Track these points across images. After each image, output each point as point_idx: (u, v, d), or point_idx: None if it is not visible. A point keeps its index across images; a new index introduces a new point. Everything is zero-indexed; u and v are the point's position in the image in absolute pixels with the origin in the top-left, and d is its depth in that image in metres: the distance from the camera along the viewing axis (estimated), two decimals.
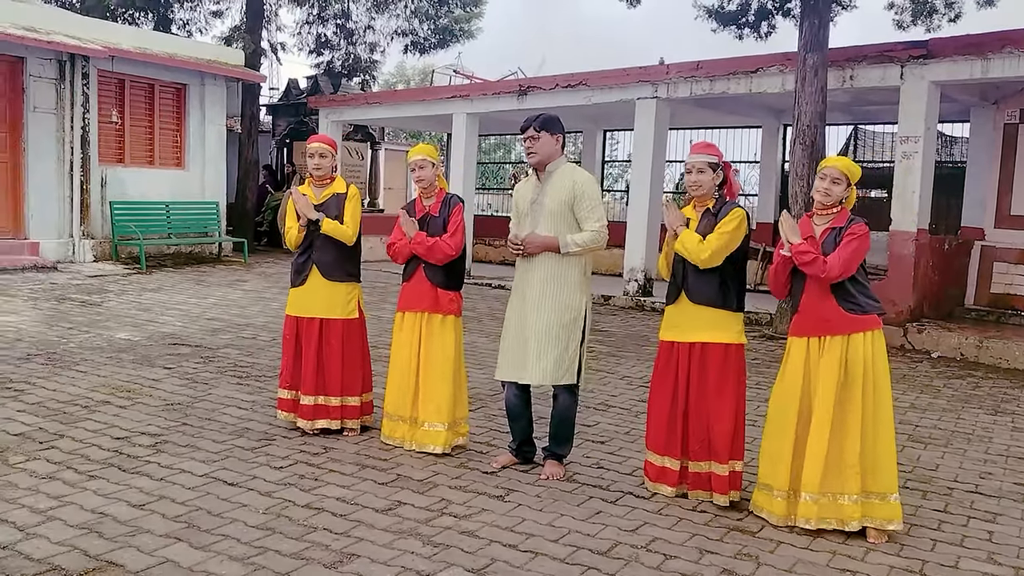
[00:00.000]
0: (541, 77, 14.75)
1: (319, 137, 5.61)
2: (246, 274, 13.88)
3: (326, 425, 5.44)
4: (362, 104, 17.11)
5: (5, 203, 13.14)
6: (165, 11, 19.19)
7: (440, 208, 5.23)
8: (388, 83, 36.06)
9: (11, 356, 7.24)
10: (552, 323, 4.81)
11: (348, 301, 5.47)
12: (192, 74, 15.30)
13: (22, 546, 3.71)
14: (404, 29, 20.52)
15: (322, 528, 4.08)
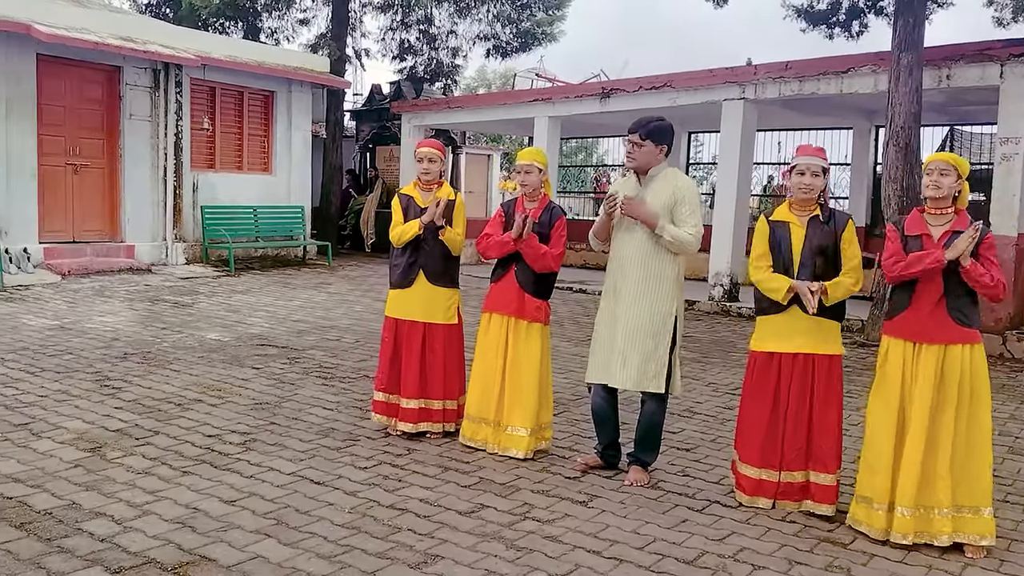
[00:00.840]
0: (624, 79, 14.64)
1: (428, 142, 5.61)
2: (330, 277, 14.12)
3: (428, 428, 5.46)
4: (444, 108, 17.26)
5: (103, 208, 13.65)
6: (254, 20, 19.70)
7: (541, 214, 5.17)
8: (469, 87, 36.32)
9: (109, 355, 7.49)
10: (642, 326, 4.73)
11: (449, 306, 5.48)
12: (279, 81, 15.65)
13: (120, 539, 3.82)
14: (486, 33, 20.63)
15: (406, 529, 4.10)
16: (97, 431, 5.34)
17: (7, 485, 4.36)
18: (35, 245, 12.37)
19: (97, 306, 10.05)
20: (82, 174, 13.28)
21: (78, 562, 3.57)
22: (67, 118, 13.06)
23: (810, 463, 4.47)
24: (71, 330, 8.54)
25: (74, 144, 13.16)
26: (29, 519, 3.97)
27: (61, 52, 12.45)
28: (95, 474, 4.59)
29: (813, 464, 4.45)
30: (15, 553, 3.61)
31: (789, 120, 15.34)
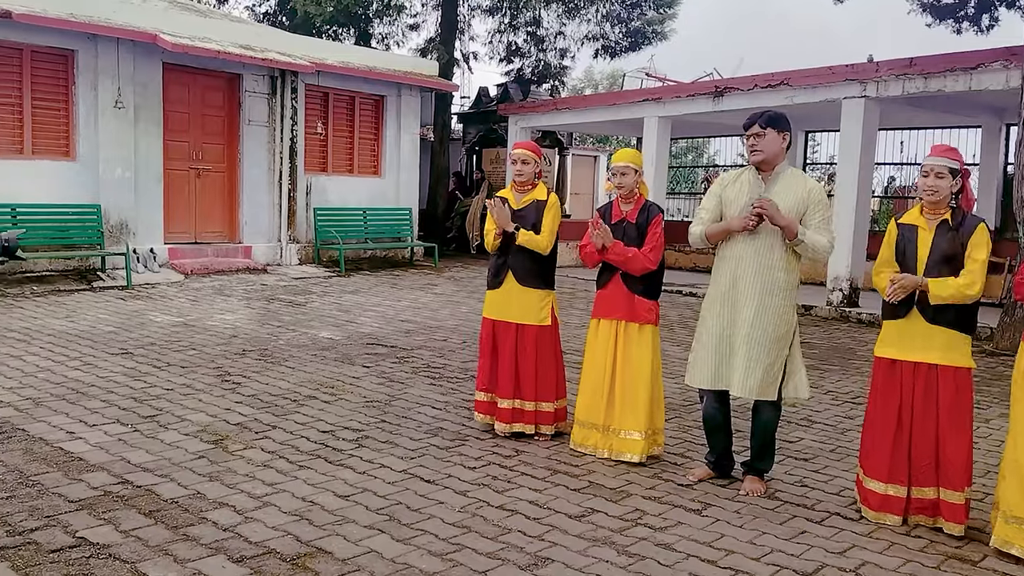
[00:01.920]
0: (739, 77, 14.31)
1: (523, 143, 5.62)
2: (436, 278, 14.30)
3: (521, 429, 5.46)
4: (551, 110, 17.25)
5: (222, 210, 14.17)
6: (365, 26, 20.13)
7: (638, 215, 5.11)
8: (576, 88, 36.28)
9: (229, 351, 7.76)
10: (766, 336, 4.59)
11: (542, 308, 5.46)
12: (390, 86, 15.95)
13: (241, 529, 3.93)
14: (595, 34, 20.53)
15: (516, 530, 4.09)
16: (219, 424, 5.52)
17: (137, 474, 4.55)
18: (160, 246, 12.93)
19: (217, 304, 10.43)
20: (204, 178, 13.82)
21: (203, 550, 3.70)
22: (190, 124, 13.62)
23: (939, 480, 4.25)
24: (194, 327, 8.88)
25: (197, 149, 13.71)
26: (157, 507, 4.13)
27: (185, 60, 13.00)
28: (218, 465, 4.75)
29: (942, 481, 4.24)
30: (144, 540, 3.76)
31: (913, 118, 14.73)
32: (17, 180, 11.43)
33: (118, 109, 12.27)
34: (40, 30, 11.36)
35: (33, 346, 7.55)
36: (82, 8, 11.81)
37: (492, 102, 19.34)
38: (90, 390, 6.18)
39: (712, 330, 4.77)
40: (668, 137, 15.51)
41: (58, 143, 12.11)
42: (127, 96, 12.37)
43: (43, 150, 11.94)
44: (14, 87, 11.60)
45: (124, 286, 11.42)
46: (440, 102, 18.45)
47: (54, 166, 11.94)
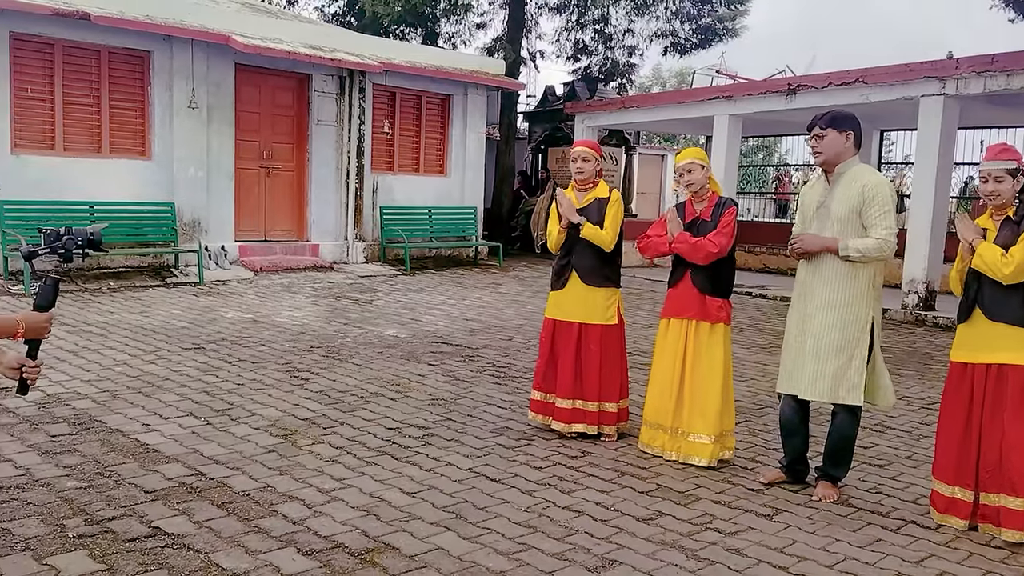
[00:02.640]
0: (812, 75, 14.01)
1: (583, 141, 5.58)
2: (501, 277, 14.31)
3: (583, 430, 5.42)
4: (619, 108, 17.13)
5: (291, 209, 14.39)
6: (432, 26, 20.26)
7: (712, 212, 5.03)
8: (643, 86, 36.02)
9: (297, 347, 7.86)
10: (833, 335, 4.49)
11: (607, 307, 5.41)
12: (456, 85, 16.01)
13: (311, 522, 3.97)
14: (664, 31, 20.32)
15: (583, 531, 4.05)
16: (288, 419, 5.60)
17: (210, 466, 4.64)
18: (231, 243, 13.18)
19: (286, 301, 10.59)
20: (274, 177, 14.05)
21: (273, 542, 3.74)
22: (261, 124, 13.85)
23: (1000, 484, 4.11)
24: (263, 323, 9.03)
25: (267, 149, 13.94)
26: (229, 499, 4.20)
27: (256, 61, 13.22)
28: (287, 459, 4.81)
29: (1003, 485, 4.09)
30: (217, 531, 3.82)
31: (995, 117, 14.25)
32: (95, 179, 11.76)
33: (192, 109, 12.54)
34: (117, 32, 11.67)
35: (110, 340, 7.75)
36: (158, 10, 12.11)
37: (558, 101, 19.28)
38: (164, 383, 6.32)
39: (789, 332, 4.76)
40: (739, 136, 15.27)
41: (134, 143, 12.43)
42: (200, 96, 12.64)
43: (120, 150, 12.27)
44: (92, 88, 11.93)
45: (196, 282, 11.67)
46: (506, 101, 18.47)
47: (130, 165, 12.26)
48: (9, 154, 11.05)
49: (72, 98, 11.74)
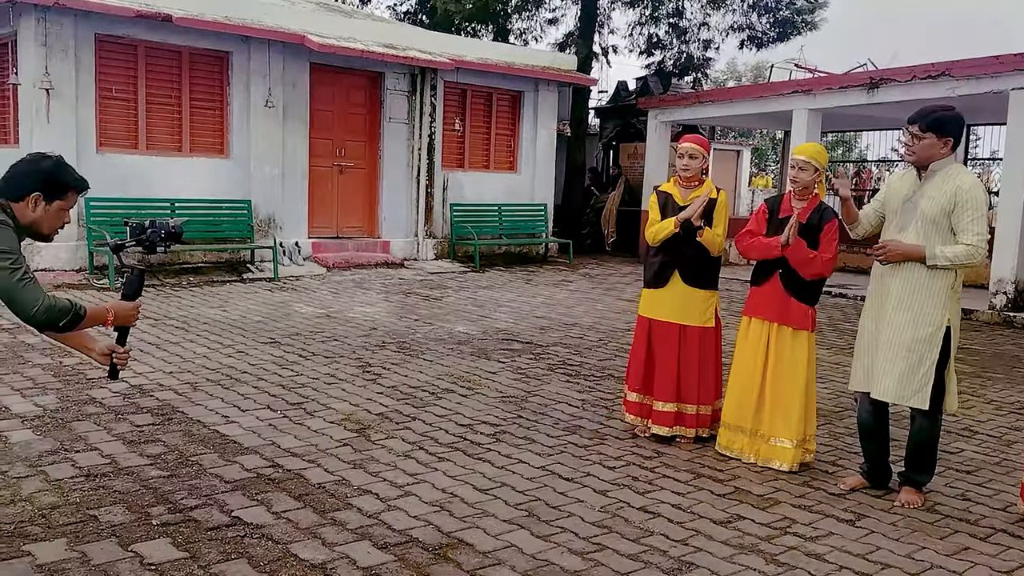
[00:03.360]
0: (895, 68, 13.59)
1: (691, 137, 5.38)
2: (571, 275, 14.25)
3: (682, 432, 5.33)
4: (693, 103, 16.89)
5: (363, 206, 14.56)
6: (504, 22, 20.28)
7: (810, 215, 4.86)
8: (718, 81, 35.53)
9: (369, 343, 7.94)
10: (905, 335, 4.36)
11: (706, 308, 5.29)
12: (527, 81, 16.00)
13: (385, 516, 4.00)
14: (740, 24, 19.98)
15: (658, 533, 4.00)
16: (362, 413, 5.65)
17: (287, 458, 4.71)
18: (305, 240, 13.40)
19: (357, 297, 10.72)
20: (346, 174, 14.23)
21: (349, 535, 3.78)
22: (334, 122, 14.04)
23: None
24: (336, 318, 9.15)
25: (340, 146, 14.12)
26: (306, 491, 4.25)
27: (330, 60, 13.41)
28: (361, 453, 4.85)
29: None
30: (295, 522, 3.88)
31: None
32: (176, 177, 12.07)
33: (268, 108, 12.77)
34: (198, 33, 11.95)
35: (190, 333, 7.94)
36: (236, 11, 12.36)
37: (631, 96, 19.11)
38: (242, 376, 6.44)
39: (863, 330, 4.64)
40: (818, 131, 14.93)
41: (213, 141, 12.71)
42: (277, 95, 12.87)
43: (199, 148, 12.57)
44: (174, 88, 12.24)
45: (271, 278, 11.89)
46: (577, 97, 18.38)
47: (209, 163, 12.55)
48: (95, 153, 11.41)
49: (154, 98, 12.06)
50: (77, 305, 3.12)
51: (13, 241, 3.03)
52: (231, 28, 12.05)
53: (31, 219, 3.13)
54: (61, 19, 10.90)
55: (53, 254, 10.86)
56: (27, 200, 3.10)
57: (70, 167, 3.23)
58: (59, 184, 3.16)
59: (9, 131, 11.84)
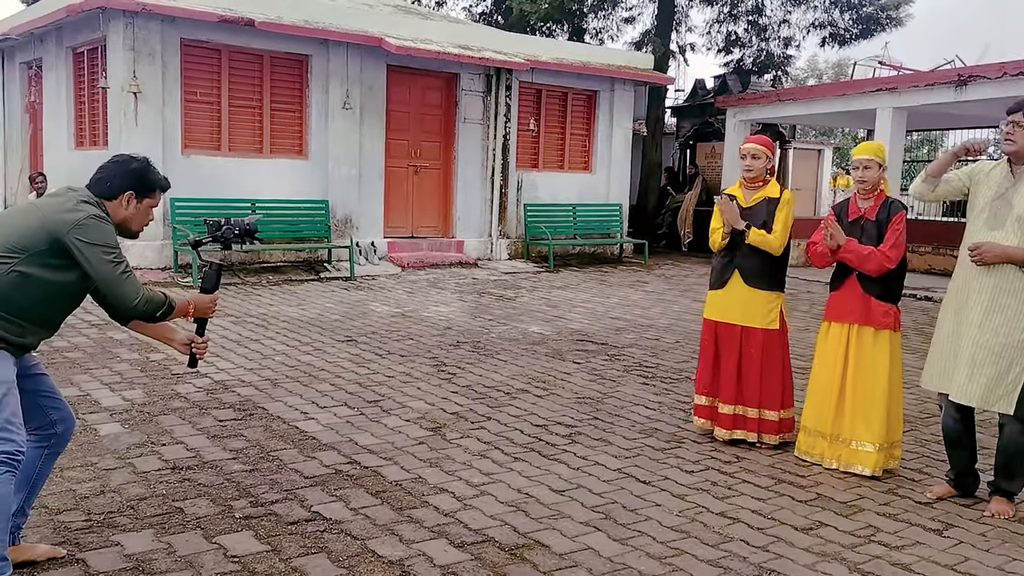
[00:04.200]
0: (985, 65, 13.13)
1: (754, 138, 5.36)
2: (646, 275, 14.12)
3: (743, 436, 5.24)
4: (773, 102, 16.58)
5: (437, 206, 14.68)
6: (579, 21, 20.20)
7: (877, 212, 4.76)
8: (798, 79, 34.85)
9: (444, 342, 7.99)
10: (995, 340, 4.19)
11: (770, 310, 5.19)
12: (603, 80, 15.91)
13: (461, 515, 4.01)
14: (822, 21, 19.49)
15: (738, 539, 3.93)
16: (437, 412, 5.68)
17: (364, 455, 4.76)
18: (380, 239, 13.56)
19: (432, 296, 10.80)
20: (421, 175, 14.36)
21: (426, 532, 3.80)
22: (410, 123, 14.18)
23: None
24: (411, 317, 9.23)
25: (415, 147, 14.26)
26: (383, 488, 4.29)
27: (407, 62, 13.54)
28: (437, 452, 4.88)
29: None
30: (372, 519, 3.91)
31: None
32: (256, 178, 12.34)
33: (346, 110, 12.96)
34: (279, 37, 12.19)
35: (270, 331, 8.10)
36: (316, 15, 12.57)
37: (709, 94, 18.83)
38: (320, 374, 6.54)
39: (941, 328, 4.50)
40: (903, 130, 14.50)
41: (292, 143, 12.96)
42: (354, 97, 13.05)
43: (279, 150, 12.82)
44: (255, 91, 12.52)
45: (347, 277, 12.06)
46: (654, 95, 18.20)
47: (288, 164, 12.79)
48: (180, 154, 11.73)
49: (236, 101, 12.35)
50: (169, 298, 3.29)
51: (115, 237, 3.18)
52: (311, 32, 12.26)
53: (123, 216, 3.27)
54: (148, 24, 11.24)
55: (140, 253, 11.20)
56: (121, 199, 3.25)
57: (155, 168, 3.39)
58: (148, 183, 3.32)
59: (99, 134, 12.26)
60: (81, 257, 3.07)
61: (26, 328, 3.11)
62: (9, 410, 3.05)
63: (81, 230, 3.06)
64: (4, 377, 3.06)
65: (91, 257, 3.07)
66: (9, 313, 3.05)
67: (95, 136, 12.49)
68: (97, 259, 3.08)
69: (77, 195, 3.18)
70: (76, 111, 13.00)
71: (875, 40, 19.81)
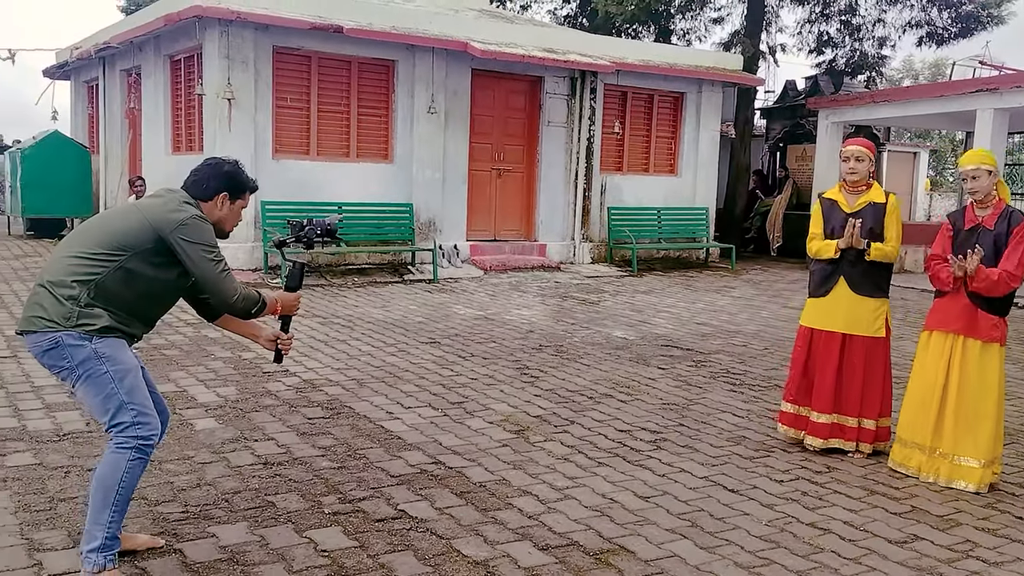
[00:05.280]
0: None
1: (856, 140, 5.19)
2: (733, 280, 13.89)
3: (840, 446, 5.09)
4: (867, 103, 16.12)
5: (520, 209, 14.71)
6: (666, 23, 19.99)
7: (996, 222, 4.56)
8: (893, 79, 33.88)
9: (526, 345, 8.00)
10: None
11: (876, 318, 5.04)
12: (690, 82, 15.72)
13: (545, 518, 4.00)
14: (919, 20, 18.87)
15: (829, 550, 3.82)
16: (520, 415, 5.69)
17: (449, 456, 4.79)
18: (463, 243, 13.67)
19: (514, 300, 10.83)
20: (505, 178, 14.43)
21: (510, 534, 3.80)
22: (494, 127, 14.25)
23: None
24: (493, 320, 9.27)
25: (499, 151, 14.33)
26: (467, 489, 4.31)
27: (491, 66, 13.61)
28: (521, 455, 4.88)
29: None
30: (457, 519, 3.94)
31: None
32: (343, 181, 12.57)
33: (431, 114, 13.11)
34: (367, 43, 12.41)
35: (356, 331, 8.24)
36: (403, 21, 12.75)
37: (799, 96, 18.43)
38: (404, 375, 6.62)
39: None
40: (1004, 132, 13.93)
41: (378, 147, 13.17)
42: (439, 102, 13.19)
43: (365, 154, 13.04)
44: (343, 97, 12.76)
45: (431, 280, 12.19)
46: (743, 97, 17.89)
47: (374, 168, 13.00)
48: (270, 159, 12.04)
49: (325, 106, 12.61)
50: (262, 295, 3.44)
51: (214, 236, 3.32)
52: (398, 37, 12.45)
53: (217, 217, 3.40)
54: (242, 32, 11.57)
55: (232, 254, 11.52)
56: (216, 200, 3.39)
57: (244, 170, 3.52)
58: (240, 185, 3.46)
59: (194, 139, 12.68)
60: (184, 255, 3.20)
61: (132, 322, 3.26)
62: (141, 394, 3.22)
63: (185, 229, 3.19)
64: (130, 362, 3.23)
65: (193, 255, 3.20)
66: (118, 308, 3.19)
67: (191, 141, 12.91)
68: (199, 257, 3.21)
69: (178, 196, 3.31)
70: (173, 117, 13.48)
71: (975, 39, 19.06)
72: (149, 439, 3.19)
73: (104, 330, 3.15)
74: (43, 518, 3.76)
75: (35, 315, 3.14)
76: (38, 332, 3.13)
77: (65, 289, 3.13)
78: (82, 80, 17.99)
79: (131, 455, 3.15)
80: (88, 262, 3.15)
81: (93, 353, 3.13)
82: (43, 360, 3.19)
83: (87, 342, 3.12)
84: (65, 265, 3.17)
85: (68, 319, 3.11)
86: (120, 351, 3.20)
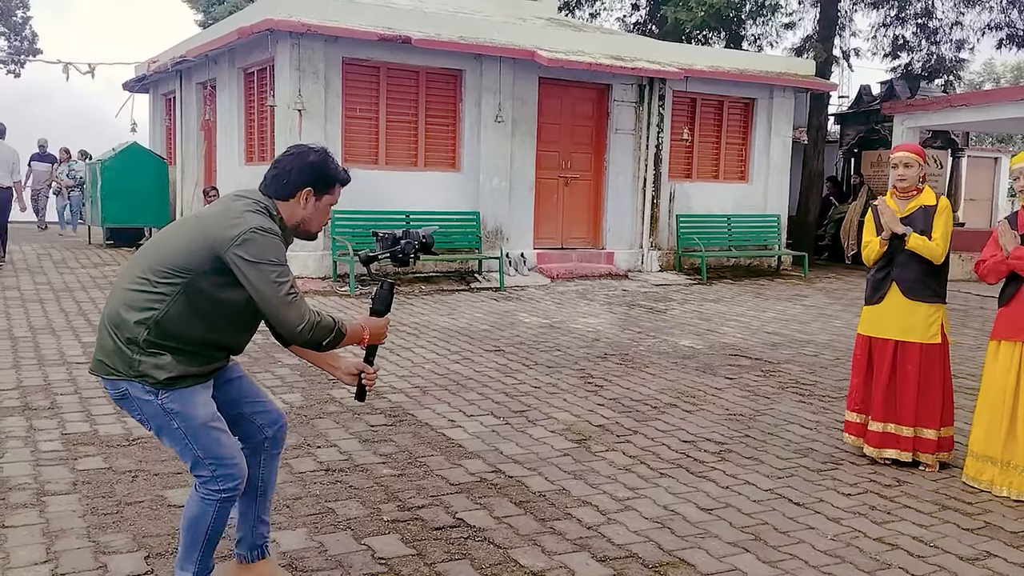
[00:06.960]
0: None
1: (904, 145, 5.11)
2: (806, 289, 13.60)
3: (895, 456, 4.95)
4: (944, 107, 15.65)
5: (587, 217, 14.66)
6: (737, 28, 19.74)
7: None
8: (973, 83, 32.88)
9: (591, 354, 7.95)
10: None
11: (930, 324, 4.89)
12: (760, 88, 15.47)
13: (604, 529, 3.96)
14: (998, 22, 18.28)
15: (897, 567, 3.71)
16: (583, 424, 5.65)
17: (509, 465, 4.78)
18: (530, 250, 13.67)
19: (580, 308, 10.78)
20: (572, 186, 14.39)
21: (568, 545, 3.77)
22: (561, 135, 14.23)
23: None
24: (559, 329, 9.24)
25: (566, 158, 14.30)
26: (527, 498, 4.30)
27: (558, 74, 13.61)
28: (581, 464, 4.84)
29: None
30: (515, 528, 3.92)
31: None
32: (411, 190, 12.70)
33: (498, 123, 13.16)
34: (434, 53, 12.52)
35: (421, 339, 8.30)
36: (470, 30, 12.85)
37: (874, 101, 17.98)
38: (467, 383, 6.64)
39: None
40: None
41: (445, 156, 13.27)
42: (506, 110, 13.23)
43: (433, 162, 13.16)
44: (411, 106, 12.90)
45: (497, 288, 12.22)
46: (815, 102, 17.54)
47: (441, 177, 13.10)
48: None
49: (393, 116, 12.76)
50: (340, 323, 2.95)
51: (282, 252, 2.88)
52: (465, 47, 12.54)
53: (301, 217, 2.99)
54: (312, 44, 11.79)
55: (302, 263, 11.74)
56: (299, 196, 2.96)
57: (333, 159, 3.07)
58: (327, 177, 3.00)
59: (267, 149, 12.96)
60: (241, 276, 2.79)
61: (206, 352, 2.93)
62: (217, 446, 2.92)
63: (241, 247, 2.77)
64: (203, 414, 2.90)
65: (251, 276, 2.78)
66: (185, 343, 2.86)
67: (263, 152, 13.20)
68: (258, 278, 2.77)
69: (242, 205, 2.89)
70: (246, 128, 13.80)
71: None
72: (232, 491, 2.94)
73: (170, 381, 2.83)
74: (110, 521, 3.86)
75: (101, 359, 2.88)
76: (105, 379, 2.89)
77: (124, 331, 2.82)
78: (160, 93, 18.56)
79: (217, 505, 2.94)
80: (148, 293, 2.82)
81: (161, 410, 2.84)
82: (118, 404, 2.95)
83: (153, 396, 2.83)
84: (124, 298, 2.85)
85: (131, 367, 2.82)
86: (190, 404, 2.87)
